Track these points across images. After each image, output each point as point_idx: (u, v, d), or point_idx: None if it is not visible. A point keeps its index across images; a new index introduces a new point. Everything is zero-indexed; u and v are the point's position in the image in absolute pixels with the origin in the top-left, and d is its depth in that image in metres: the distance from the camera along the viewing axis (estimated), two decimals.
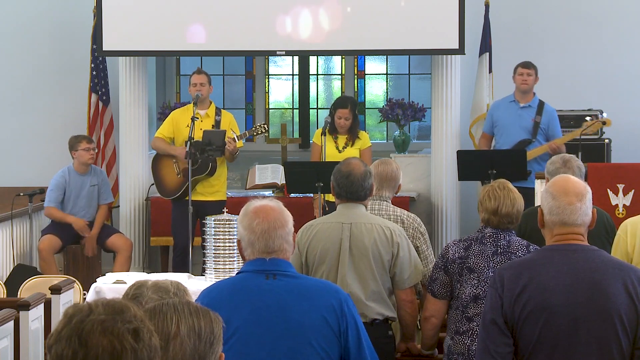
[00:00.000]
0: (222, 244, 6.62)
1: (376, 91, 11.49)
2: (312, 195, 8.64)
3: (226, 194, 8.92)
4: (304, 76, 11.31)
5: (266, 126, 9.10)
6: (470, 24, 9.59)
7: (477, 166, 8.57)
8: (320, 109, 11.29)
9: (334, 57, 11.24)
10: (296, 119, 11.36)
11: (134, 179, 9.89)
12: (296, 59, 11.22)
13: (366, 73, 11.36)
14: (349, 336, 3.80)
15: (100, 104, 10.32)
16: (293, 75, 11.38)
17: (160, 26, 9.54)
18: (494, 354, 3.50)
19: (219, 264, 6.63)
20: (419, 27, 9.40)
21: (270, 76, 11.46)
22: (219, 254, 6.63)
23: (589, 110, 9.87)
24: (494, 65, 10.06)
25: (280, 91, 11.61)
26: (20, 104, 10.78)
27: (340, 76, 11.37)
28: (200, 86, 8.67)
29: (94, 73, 10.25)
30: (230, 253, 6.62)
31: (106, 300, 2.13)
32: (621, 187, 8.06)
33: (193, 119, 8.34)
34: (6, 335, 5.48)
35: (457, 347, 5.02)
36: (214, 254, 6.63)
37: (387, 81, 11.36)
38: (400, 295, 5.28)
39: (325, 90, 11.49)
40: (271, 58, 11.32)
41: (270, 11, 9.46)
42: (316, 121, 11.22)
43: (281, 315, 3.77)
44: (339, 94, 11.00)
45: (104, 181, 9.47)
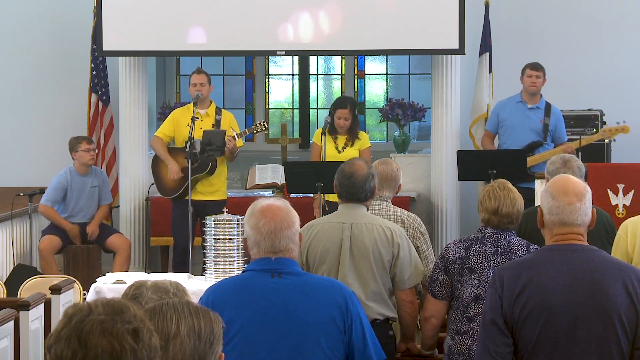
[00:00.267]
0: (222, 244, 6.61)
1: (376, 91, 11.49)
2: (312, 196, 8.64)
3: (226, 193, 8.91)
4: (304, 76, 11.31)
5: (266, 124, 9.09)
6: (470, 24, 9.59)
7: (477, 166, 8.56)
8: (320, 109, 11.29)
9: (334, 57, 11.23)
10: (296, 119, 11.36)
11: (134, 179, 9.89)
12: (296, 59, 11.22)
13: (366, 73, 11.36)
14: (353, 333, 3.82)
15: (100, 104, 10.31)
16: (293, 75, 11.38)
17: (160, 26, 9.54)
18: (494, 354, 3.50)
19: (219, 264, 6.62)
20: (419, 27, 9.40)
21: (270, 76, 11.45)
22: (219, 254, 6.62)
23: (589, 110, 9.87)
24: (494, 65, 10.06)
25: (280, 91, 11.60)
26: (20, 104, 10.77)
27: (340, 76, 11.37)
28: (200, 86, 8.67)
29: (94, 73, 10.25)
30: (230, 253, 6.62)
31: (106, 300, 2.12)
32: (621, 187, 8.06)
33: (193, 119, 8.34)
34: (6, 335, 5.48)
35: (458, 347, 5.02)
36: (214, 254, 6.63)
37: (387, 81, 11.35)
38: (401, 295, 5.28)
39: (325, 90, 11.49)
40: (271, 58, 11.32)
41: (270, 11, 9.46)
42: (316, 121, 11.21)
43: (286, 314, 3.78)
44: (339, 94, 10.99)
45: (105, 182, 9.47)
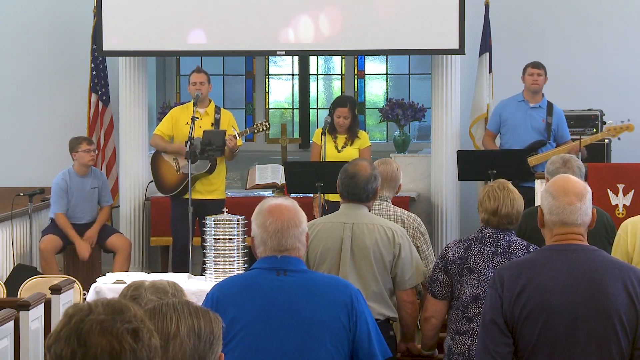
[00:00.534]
0: (222, 244, 6.61)
1: (376, 91, 11.49)
2: (312, 195, 8.64)
3: (225, 192, 8.91)
4: (304, 76, 11.31)
5: (267, 123, 9.09)
6: (470, 24, 9.58)
7: (477, 166, 8.56)
8: (320, 109, 11.28)
9: (334, 57, 11.23)
10: (296, 119, 11.35)
11: (134, 179, 9.89)
12: (296, 59, 11.22)
13: (366, 73, 11.36)
14: (357, 331, 3.83)
15: (100, 104, 10.31)
16: (293, 75, 11.38)
17: (160, 26, 9.54)
18: (494, 353, 3.50)
19: (219, 264, 6.62)
20: (419, 27, 9.39)
21: (270, 76, 11.45)
22: (219, 254, 6.61)
23: (589, 110, 9.87)
24: (494, 65, 10.05)
25: (280, 91, 11.60)
26: (20, 104, 10.77)
27: (340, 76, 11.36)
28: (200, 85, 8.66)
29: (94, 73, 10.25)
30: (230, 253, 6.61)
31: (106, 300, 2.12)
32: (621, 187, 8.05)
33: (193, 119, 8.33)
34: (6, 335, 5.47)
35: (458, 348, 5.02)
36: (214, 254, 6.63)
37: (387, 81, 11.35)
38: (402, 295, 5.28)
39: (325, 90, 11.49)
40: (271, 58, 11.31)
41: (270, 11, 9.45)
42: (316, 121, 11.21)
43: (291, 311, 3.80)
44: (339, 94, 10.99)
45: (105, 184, 9.46)
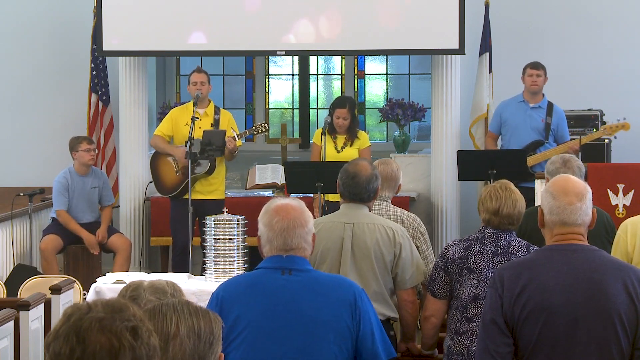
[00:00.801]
0: (222, 244, 6.61)
1: (376, 91, 11.48)
2: (312, 195, 8.64)
3: (225, 192, 8.91)
4: (304, 76, 11.31)
5: (266, 125, 9.09)
6: (470, 24, 9.58)
7: (477, 166, 8.56)
8: (320, 109, 11.28)
9: (334, 57, 11.23)
10: (296, 119, 11.35)
11: (134, 179, 9.89)
12: (296, 59, 11.22)
13: (366, 73, 11.36)
14: (361, 330, 3.84)
15: (100, 104, 10.31)
16: (293, 75, 11.38)
17: (160, 26, 9.54)
18: (494, 353, 3.50)
19: (219, 264, 6.61)
20: (419, 27, 9.39)
21: (270, 76, 11.45)
22: (219, 254, 6.61)
23: (589, 110, 9.86)
24: (494, 65, 10.05)
25: (280, 91, 11.60)
26: (20, 104, 10.77)
27: (340, 76, 11.36)
28: (200, 85, 8.66)
29: (94, 73, 10.25)
30: (230, 253, 6.61)
31: (105, 299, 2.12)
32: (621, 187, 8.05)
33: (193, 119, 8.33)
34: (6, 335, 5.47)
35: (457, 348, 5.02)
36: (214, 254, 6.62)
37: (387, 81, 11.35)
38: (402, 295, 5.28)
39: (325, 90, 11.49)
40: (271, 58, 11.31)
41: (270, 11, 9.45)
42: (316, 121, 11.21)
43: (295, 311, 3.82)
44: (339, 94, 10.99)
45: (106, 183, 9.46)
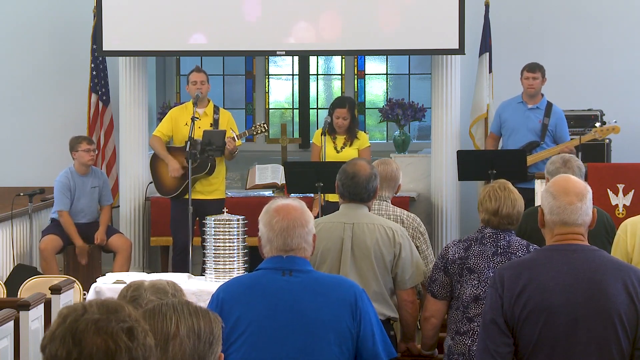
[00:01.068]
0: (222, 244, 6.60)
1: (376, 91, 11.48)
2: (312, 196, 8.63)
3: (225, 192, 8.91)
4: (304, 76, 11.31)
5: (266, 125, 9.08)
6: (470, 24, 9.58)
7: (477, 166, 8.56)
8: (320, 109, 11.28)
9: (334, 57, 11.23)
10: (296, 119, 11.35)
11: (134, 179, 9.89)
12: (296, 59, 11.22)
13: (366, 73, 11.36)
14: (361, 331, 3.84)
15: (100, 104, 10.31)
16: (293, 75, 11.38)
17: (160, 26, 9.53)
18: (494, 353, 3.50)
19: (219, 264, 6.61)
20: (419, 27, 9.39)
21: (270, 76, 11.45)
22: (219, 254, 6.61)
23: (589, 110, 9.86)
24: (494, 65, 10.05)
25: (280, 91, 11.60)
26: (20, 104, 10.77)
27: (340, 76, 11.36)
28: (200, 84, 8.66)
29: (94, 73, 10.25)
30: (230, 253, 6.61)
31: (100, 300, 2.11)
32: (621, 187, 8.05)
33: (193, 119, 8.32)
34: (6, 335, 5.48)
35: (458, 348, 5.02)
36: (214, 254, 6.62)
37: (387, 81, 11.35)
38: (402, 295, 5.28)
39: (325, 90, 11.49)
40: (271, 58, 11.31)
41: (270, 11, 9.45)
42: (316, 121, 11.21)
43: (295, 311, 3.82)
44: (339, 94, 10.99)
45: (105, 183, 9.46)
